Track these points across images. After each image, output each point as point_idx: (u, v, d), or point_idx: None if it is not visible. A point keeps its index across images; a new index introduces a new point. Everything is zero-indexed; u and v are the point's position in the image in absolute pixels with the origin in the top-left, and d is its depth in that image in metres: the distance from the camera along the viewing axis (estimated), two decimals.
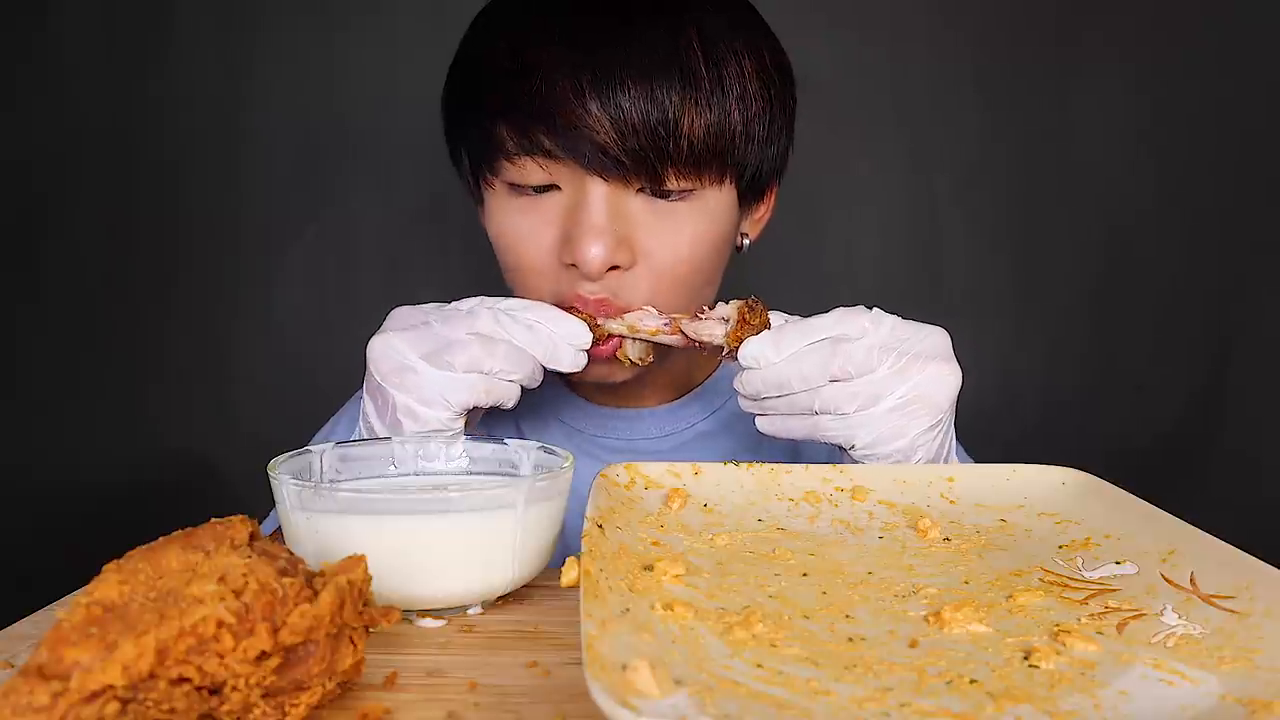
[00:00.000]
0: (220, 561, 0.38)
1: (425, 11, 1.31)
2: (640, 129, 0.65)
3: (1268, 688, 0.35)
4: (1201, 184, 1.37)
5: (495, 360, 0.63)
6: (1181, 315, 1.39)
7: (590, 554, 0.42)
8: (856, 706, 0.34)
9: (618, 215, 0.68)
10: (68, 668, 0.32)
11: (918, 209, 1.38)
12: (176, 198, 1.36)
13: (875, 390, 0.60)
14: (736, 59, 0.69)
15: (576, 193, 0.69)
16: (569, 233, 0.68)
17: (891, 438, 0.61)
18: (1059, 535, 0.53)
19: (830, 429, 0.62)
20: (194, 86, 1.34)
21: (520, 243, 0.71)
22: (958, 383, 0.62)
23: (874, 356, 0.60)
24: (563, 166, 0.68)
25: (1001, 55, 1.35)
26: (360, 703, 0.40)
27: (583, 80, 0.65)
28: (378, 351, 0.64)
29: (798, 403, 0.62)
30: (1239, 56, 1.35)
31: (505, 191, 0.72)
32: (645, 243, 0.69)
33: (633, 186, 0.68)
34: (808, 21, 1.25)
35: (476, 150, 0.73)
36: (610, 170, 0.67)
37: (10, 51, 1.32)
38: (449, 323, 0.64)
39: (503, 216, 0.73)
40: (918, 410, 0.61)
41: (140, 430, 1.37)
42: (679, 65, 0.66)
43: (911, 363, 0.61)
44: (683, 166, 0.67)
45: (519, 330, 0.64)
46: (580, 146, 0.66)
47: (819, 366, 0.61)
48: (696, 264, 0.71)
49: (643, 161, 0.66)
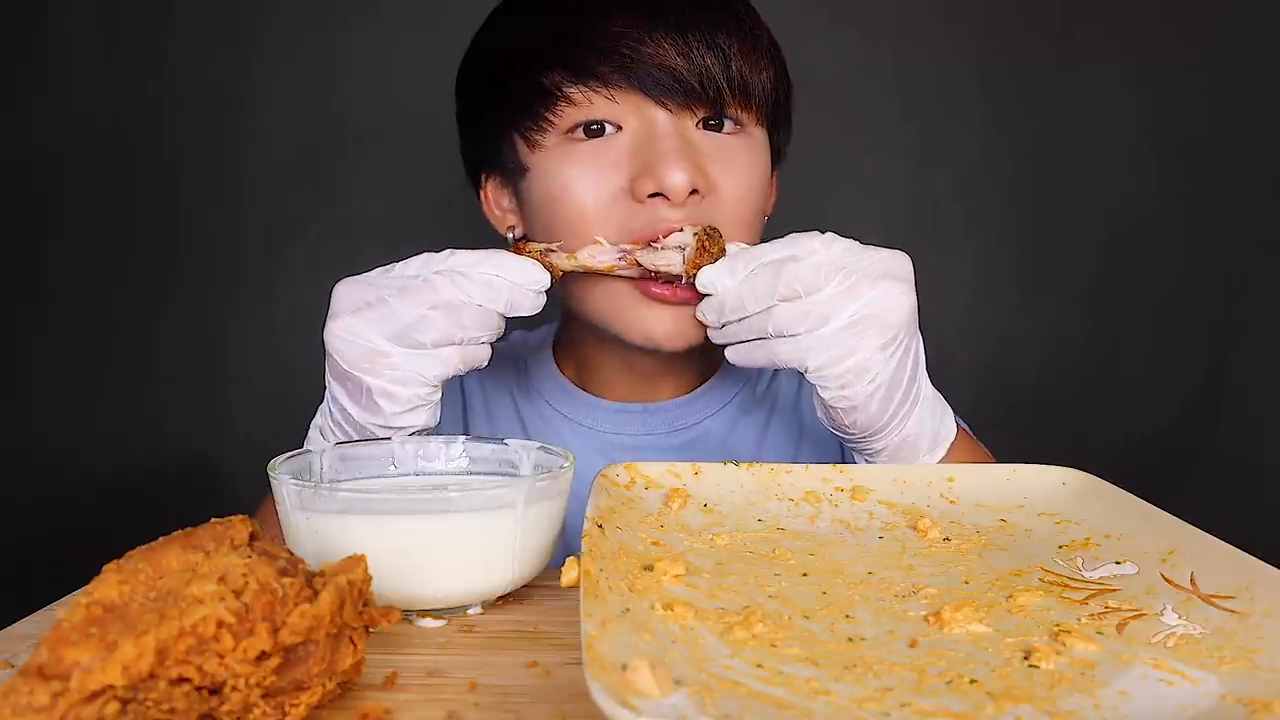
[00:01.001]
0: (220, 561, 0.38)
1: (425, 11, 1.31)
2: (705, 55, 0.68)
3: (1268, 688, 0.35)
4: (1203, 183, 1.37)
5: (464, 329, 0.62)
6: (1182, 314, 1.39)
7: (590, 554, 0.42)
8: (856, 706, 0.34)
9: (687, 144, 0.70)
10: (68, 668, 0.32)
11: (920, 206, 1.38)
12: (176, 197, 1.35)
13: (824, 310, 0.60)
14: (760, 27, 0.74)
15: (644, 126, 0.70)
16: (645, 163, 0.68)
17: (842, 357, 0.60)
18: (1059, 535, 0.53)
19: (783, 352, 0.62)
20: (194, 86, 1.34)
21: (587, 185, 0.70)
22: (911, 303, 0.61)
23: (821, 275, 0.60)
24: (628, 101, 0.69)
25: (1004, 53, 1.35)
26: (360, 703, 0.40)
27: (643, 16, 0.68)
28: (339, 340, 0.62)
29: (753, 326, 0.62)
30: (1241, 54, 1.35)
31: (562, 142, 0.71)
32: (715, 172, 0.71)
33: (695, 118, 0.71)
34: (810, 20, 1.25)
35: (528, 107, 0.72)
36: (678, 97, 0.69)
37: (10, 51, 1.32)
38: (405, 295, 0.62)
39: (562, 167, 0.71)
40: (868, 328, 0.60)
41: (140, 430, 1.37)
42: (730, 12, 0.71)
43: (861, 280, 0.60)
44: (740, 97, 0.71)
45: (477, 289, 0.62)
46: (647, 76, 0.68)
47: (767, 285, 0.61)
48: (757, 194, 0.74)
49: (709, 84, 0.69)
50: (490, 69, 0.76)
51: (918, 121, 1.36)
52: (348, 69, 1.34)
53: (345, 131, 1.34)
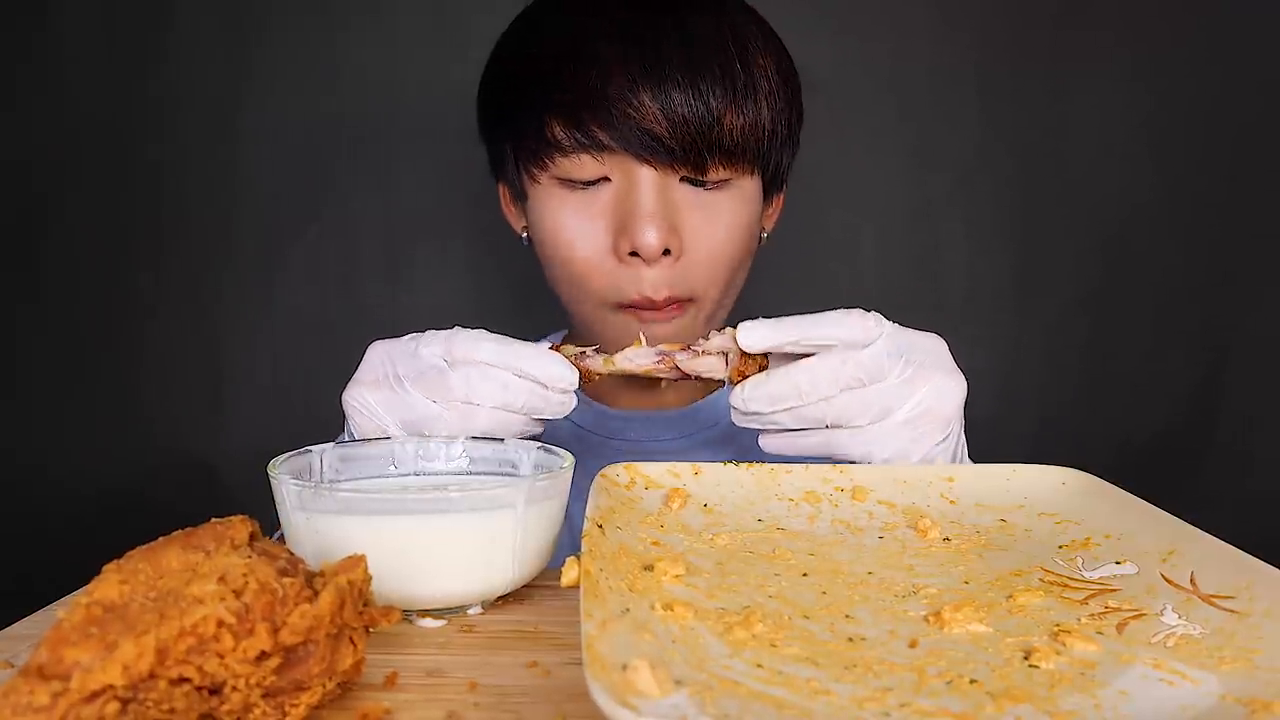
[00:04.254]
0: (220, 561, 0.38)
1: (426, 11, 1.31)
2: (689, 118, 0.68)
3: (1268, 688, 0.35)
4: (1199, 183, 1.37)
5: (479, 429, 0.60)
6: (1180, 314, 1.38)
7: (590, 554, 0.42)
8: (856, 706, 0.34)
9: (666, 202, 0.71)
10: (68, 668, 0.32)
11: (917, 208, 1.38)
12: (176, 198, 1.35)
13: (887, 401, 0.59)
14: (763, 59, 0.73)
15: (627, 182, 0.71)
16: (623, 221, 0.71)
17: (905, 453, 0.59)
18: (1059, 535, 0.53)
19: (845, 445, 0.60)
20: (194, 86, 1.33)
21: (574, 239, 0.73)
22: (963, 393, 0.61)
23: (883, 364, 0.59)
24: (614, 158, 0.70)
25: (1001, 56, 1.35)
26: (360, 703, 0.40)
27: (635, 73, 0.68)
28: (353, 409, 0.63)
29: (807, 415, 0.59)
30: (1239, 56, 1.35)
31: (554, 186, 0.73)
32: (690, 231, 0.72)
33: (677, 174, 0.71)
34: (809, 21, 1.25)
35: (525, 145, 0.74)
36: (661, 157, 0.69)
37: (10, 51, 1.32)
38: (421, 384, 0.60)
39: (552, 213, 0.74)
40: (928, 424, 0.59)
41: (140, 430, 1.37)
42: (720, 63, 0.70)
43: (919, 373, 0.59)
44: (724, 156, 0.71)
45: (492, 390, 0.59)
46: (633, 136, 0.69)
47: (831, 375, 0.58)
48: (737, 250, 0.75)
49: (691, 149, 0.69)
50: (498, 94, 0.77)
51: (915, 123, 1.36)
52: (348, 69, 1.33)
53: (345, 132, 1.34)
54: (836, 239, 1.38)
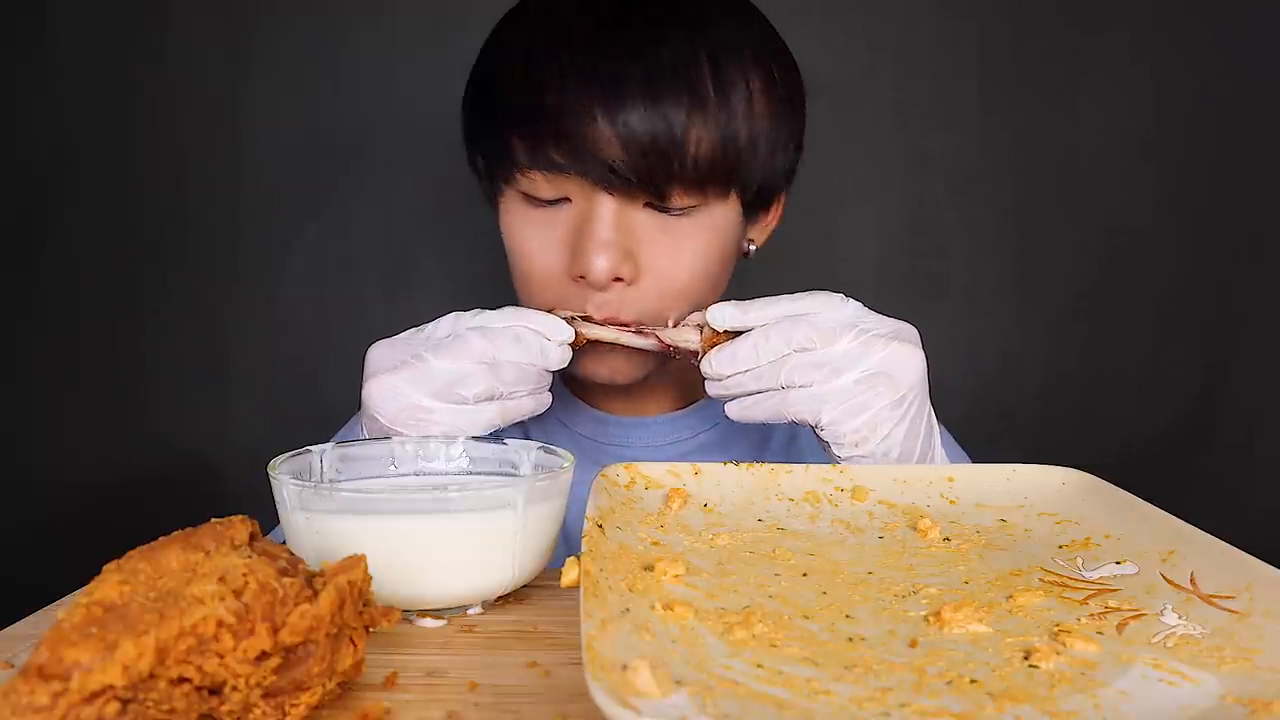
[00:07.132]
0: (220, 561, 0.38)
1: (426, 12, 1.31)
2: (647, 148, 0.66)
3: (1268, 688, 0.35)
4: (1201, 185, 1.37)
5: (504, 384, 0.64)
6: (1181, 315, 1.38)
7: (590, 554, 0.42)
8: (856, 706, 0.34)
9: (624, 229, 0.69)
10: (68, 668, 0.32)
11: (918, 209, 1.38)
12: (176, 197, 1.35)
13: (838, 363, 0.61)
14: (744, 77, 0.69)
15: (585, 206, 0.70)
16: (576, 246, 0.69)
17: (855, 411, 0.61)
18: (1059, 535, 0.53)
19: (796, 403, 0.62)
20: (194, 86, 1.33)
21: (531, 255, 0.73)
22: (922, 366, 0.62)
23: (836, 331, 0.61)
24: (572, 180, 0.69)
25: (1002, 58, 1.35)
26: (360, 703, 0.40)
27: (592, 98, 0.66)
28: (379, 398, 0.63)
29: (764, 376, 0.62)
30: (1242, 58, 1.35)
31: (518, 200, 0.73)
32: (650, 257, 0.70)
33: (639, 202, 0.69)
34: (809, 22, 1.25)
35: (491, 159, 0.74)
36: (617, 186, 0.67)
37: (10, 51, 1.32)
38: (442, 352, 0.63)
39: (515, 227, 0.74)
40: (880, 385, 0.61)
41: (140, 430, 1.37)
42: (687, 85, 0.66)
43: (874, 340, 0.61)
44: (687, 184, 0.68)
45: (508, 344, 0.64)
46: (588, 163, 0.67)
47: (783, 335, 0.62)
48: (699, 277, 0.73)
49: (648, 179, 0.67)
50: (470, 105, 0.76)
51: (917, 124, 1.36)
52: (347, 70, 1.34)
53: (346, 131, 1.34)
54: (837, 239, 1.38)
